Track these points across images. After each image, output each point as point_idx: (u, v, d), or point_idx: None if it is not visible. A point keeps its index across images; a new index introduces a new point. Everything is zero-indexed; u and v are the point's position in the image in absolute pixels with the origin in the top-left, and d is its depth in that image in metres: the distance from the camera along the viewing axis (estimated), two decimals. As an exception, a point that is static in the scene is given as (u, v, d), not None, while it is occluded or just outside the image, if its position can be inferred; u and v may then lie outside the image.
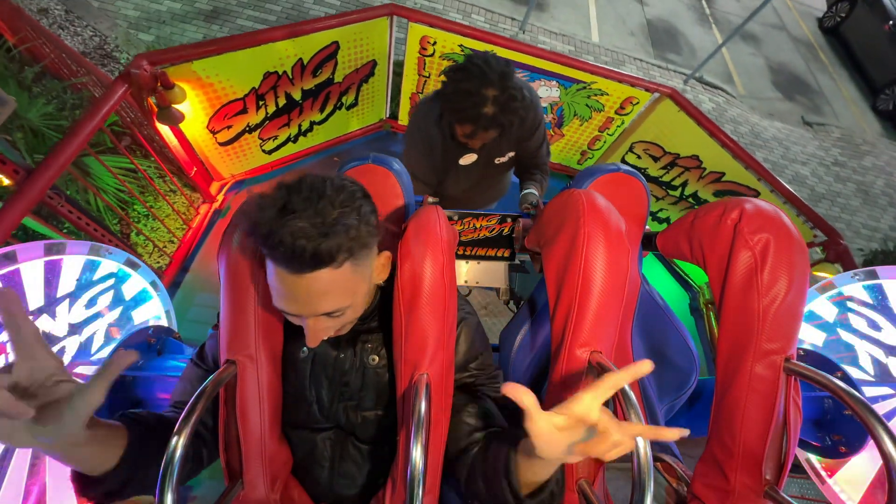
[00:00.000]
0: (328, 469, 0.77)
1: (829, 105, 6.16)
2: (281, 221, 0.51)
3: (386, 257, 0.69)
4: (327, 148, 2.79)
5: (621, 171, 0.99)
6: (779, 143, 5.13)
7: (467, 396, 0.75)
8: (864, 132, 5.96)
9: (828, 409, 1.02)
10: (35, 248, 0.98)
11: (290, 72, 2.18)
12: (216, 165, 2.39)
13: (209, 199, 2.45)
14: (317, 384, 0.74)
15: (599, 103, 2.68)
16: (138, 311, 1.21)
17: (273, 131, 2.42)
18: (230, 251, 0.70)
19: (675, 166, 2.71)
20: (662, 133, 2.66)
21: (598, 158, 3.08)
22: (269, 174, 2.64)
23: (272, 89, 2.20)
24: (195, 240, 2.32)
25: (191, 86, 1.93)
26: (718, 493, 0.67)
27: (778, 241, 0.64)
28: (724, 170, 2.53)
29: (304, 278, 0.54)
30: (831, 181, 5.03)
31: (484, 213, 1.38)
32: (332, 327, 0.63)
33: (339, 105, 2.59)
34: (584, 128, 2.85)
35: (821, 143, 5.44)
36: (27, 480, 0.93)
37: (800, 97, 6.08)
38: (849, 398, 0.56)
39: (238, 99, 2.13)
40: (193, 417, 0.57)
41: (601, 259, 0.66)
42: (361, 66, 2.44)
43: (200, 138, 2.18)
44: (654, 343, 0.94)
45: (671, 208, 2.90)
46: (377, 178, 0.96)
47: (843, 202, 4.86)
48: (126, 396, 0.99)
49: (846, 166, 5.30)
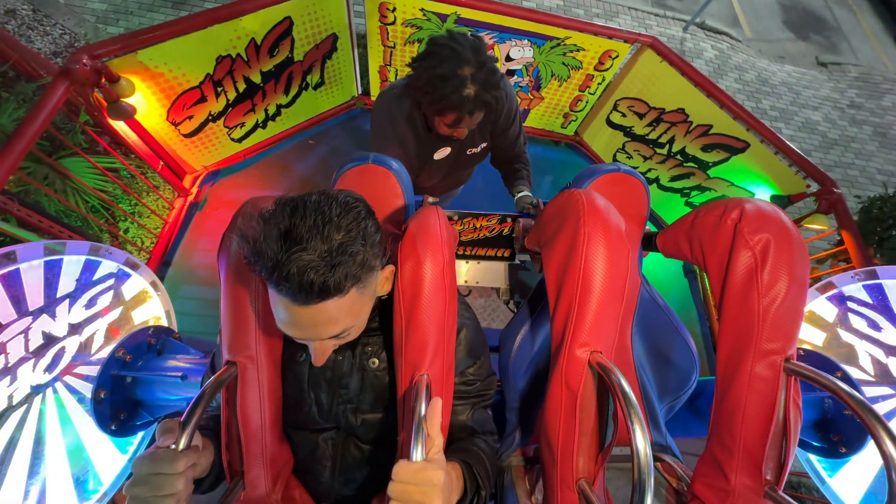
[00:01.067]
0: (329, 469, 0.77)
1: (847, 41, 5.62)
2: (287, 254, 0.49)
3: (389, 271, 0.68)
4: (300, 131, 2.70)
5: (621, 170, 0.99)
6: (788, 88, 4.77)
7: (462, 402, 0.76)
8: (885, 68, 5.42)
9: (828, 409, 1.02)
10: (35, 248, 0.98)
11: (244, 54, 2.06)
12: (185, 158, 2.33)
13: (183, 192, 2.41)
14: (315, 387, 0.74)
15: (576, 60, 2.52)
16: (138, 311, 1.21)
17: (238, 118, 2.34)
18: (230, 253, 0.70)
19: (662, 122, 2.61)
20: (646, 87, 2.55)
21: (581, 121, 3.00)
22: (243, 163, 2.59)
23: (228, 74, 2.08)
24: (173, 234, 2.30)
25: (140, 77, 1.83)
26: (718, 494, 0.67)
27: (778, 241, 0.64)
28: (712, 122, 2.42)
29: (309, 308, 0.53)
30: (846, 125, 4.65)
31: (484, 214, 1.38)
32: (338, 344, 0.64)
33: (305, 85, 2.46)
34: (564, 88, 2.72)
35: (836, 84, 5.01)
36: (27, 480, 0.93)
37: (814, 36, 5.57)
38: (849, 398, 0.56)
39: (194, 87, 2.02)
40: (193, 419, 0.57)
41: (601, 259, 0.66)
42: (321, 42, 2.30)
43: (163, 131, 2.11)
44: (654, 343, 0.94)
45: (659, 168, 2.80)
46: (377, 178, 0.96)
47: (858, 147, 4.49)
48: (126, 397, 0.99)
49: (863, 108, 4.87)
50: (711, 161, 2.57)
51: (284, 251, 0.50)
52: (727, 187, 2.61)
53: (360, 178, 0.96)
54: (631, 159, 2.90)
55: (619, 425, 0.66)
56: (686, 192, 2.80)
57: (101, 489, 1.02)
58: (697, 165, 2.64)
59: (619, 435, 0.65)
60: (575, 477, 0.64)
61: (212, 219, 2.44)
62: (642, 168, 2.87)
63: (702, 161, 2.61)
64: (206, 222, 2.42)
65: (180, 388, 1.00)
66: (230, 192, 2.53)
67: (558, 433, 0.65)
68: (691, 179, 2.72)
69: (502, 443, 0.90)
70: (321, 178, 2.64)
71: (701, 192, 2.73)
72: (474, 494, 0.66)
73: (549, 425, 0.67)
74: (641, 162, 2.86)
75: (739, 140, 2.40)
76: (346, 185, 0.94)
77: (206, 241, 2.35)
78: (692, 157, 2.63)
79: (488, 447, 0.75)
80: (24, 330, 0.96)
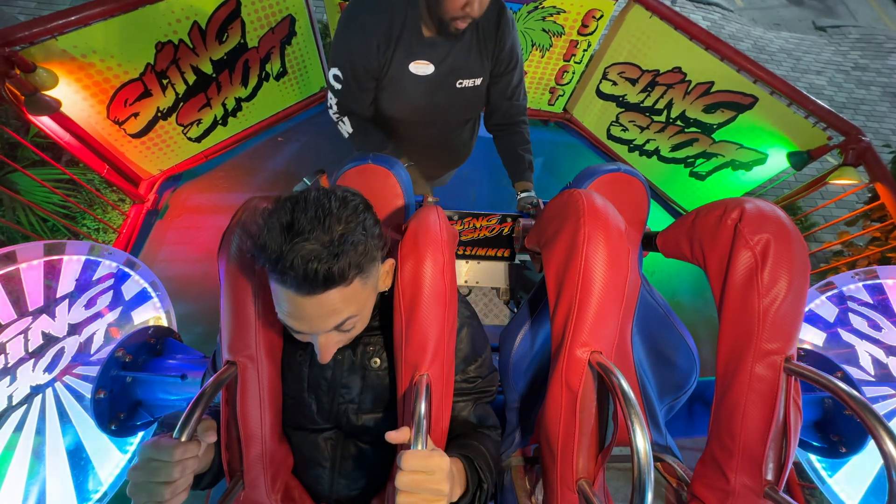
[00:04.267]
0: (329, 469, 0.77)
1: (844, 4, 5.49)
2: (290, 245, 0.50)
3: (390, 265, 0.69)
4: (266, 128, 2.47)
5: (621, 170, 0.99)
6: (788, 54, 4.59)
7: (464, 399, 0.76)
8: (887, 28, 5.27)
9: (828, 409, 1.02)
10: (35, 249, 0.98)
11: (187, 39, 1.83)
12: (137, 161, 2.09)
13: (138, 199, 2.19)
14: (315, 387, 0.74)
15: (557, 24, 2.30)
16: (138, 311, 1.21)
17: (192, 114, 2.09)
18: (229, 253, 0.70)
19: (657, 85, 2.36)
20: (637, 49, 2.31)
21: (569, 95, 2.77)
22: (205, 165, 2.37)
23: (173, 63, 1.86)
24: (128, 246, 2.09)
25: (65, 69, 1.62)
26: (718, 494, 0.67)
27: (778, 241, 0.64)
28: (713, 78, 2.18)
29: (314, 298, 0.54)
30: (852, 88, 4.46)
31: (484, 214, 1.38)
32: (342, 341, 0.64)
33: (265, 75, 2.24)
34: (547, 59, 2.48)
35: (837, 47, 4.84)
36: (27, 480, 0.93)
37: (808, 0, 5.44)
38: (849, 398, 0.56)
39: (134, 80, 1.80)
40: (193, 419, 0.57)
41: (601, 259, 0.66)
42: (277, 25, 2.08)
43: (105, 131, 1.88)
44: (654, 343, 0.94)
45: (658, 137, 2.56)
46: (377, 178, 0.96)
47: (868, 109, 4.30)
48: (126, 397, 0.99)
49: (868, 69, 4.68)
50: (716, 123, 2.32)
51: (287, 242, 0.51)
52: (736, 150, 2.36)
53: (359, 177, 0.96)
54: (626, 132, 2.65)
55: (619, 425, 0.66)
56: (690, 160, 2.55)
57: (101, 489, 1.02)
58: (700, 130, 2.38)
59: (619, 435, 0.65)
60: (575, 477, 0.64)
61: (174, 227, 2.22)
62: (640, 139, 2.64)
63: (705, 124, 2.36)
64: (167, 231, 2.21)
65: (180, 388, 1.00)
66: (193, 198, 2.32)
67: (558, 433, 0.65)
68: (695, 146, 2.46)
69: (502, 443, 0.90)
70: (292, 178, 2.39)
71: (707, 159, 2.48)
72: (476, 488, 0.66)
73: (549, 425, 0.67)
74: (638, 133, 2.62)
75: (746, 95, 2.15)
76: (346, 184, 0.94)
77: (168, 251, 2.15)
78: (694, 120, 2.37)
79: (490, 441, 0.75)
80: (23, 330, 0.96)
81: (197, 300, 1.96)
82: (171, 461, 0.54)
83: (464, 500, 0.63)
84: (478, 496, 0.66)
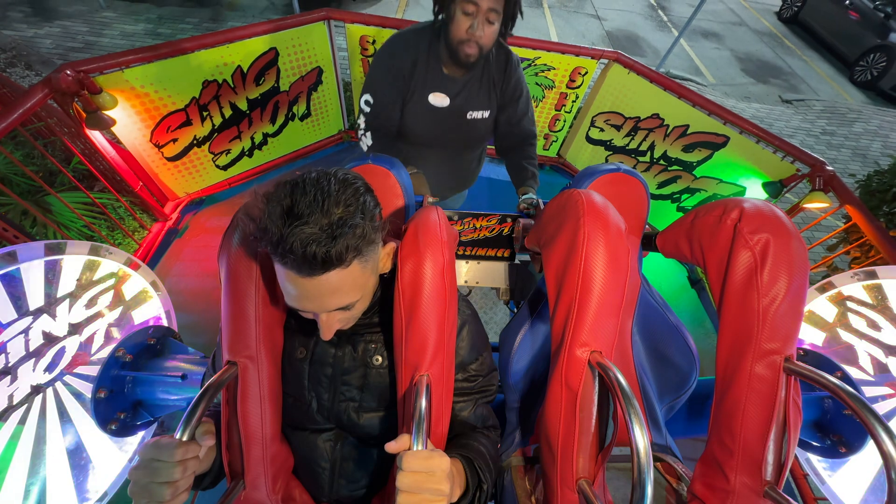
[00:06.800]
0: (329, 469, 0.77)
1: (806, 83, 6.13)
2: (289, 228, 0.51)
3: (390, 247, 0.69)
4: (286, 162, 2.73)
5: (621, 170, 0.99)
6: (760, 121, 4.97)
7: (465, 398, 0.76)
8: (847, 101, 5.87)
9: (828, 409, 1.02)
10: (35, 248, 0.98)
11: (230, 80, 2.14)
12: (168, 183, 2.33)
13: (162, 217, 2.37)
14: (316, 384, 0.74)
15: (548, 79, 2.68)
16: (138, 311, 1.21)
17: (224, 144, 2.37)
18: (230, 253, 0.70)
19: (639, 130, 2.68)
20: (619, 99, 2.66)
21: (562, 141, 3.09)
22: (227, 192, 2.56)
23: (215, 99, 2.15)
24: (146, 259, 2.22)
25: (124, 96, 1.89)
26: (718, 493, 0.67)
27: (777, 240, 0.64)
28: (688, 122, 2.49)
29: (314, 280, 0.55)
30: (824, 149, 4.89)
31: (484, 214, 1.38)
32: (344, 319, 0.65)
33: (291, 115, 2.56)
34: (541, 109, 2.85)
35: (804, 116, 5.36)
36: (27, 480, 0.93)
37: (773, 79, 6.06)
38: (848, 398, 0.56)
39: (179, 110, 2.08)
40: (194, 420, 0.58)
41: (601, 259, 0.66)
42: (307, 74, 2.42)
43: (145, 153, 2.13)
44: (654, 343, 0.94)
45: (645, 176, 2.75)
46: (377, 179, 0.96)
47: (842, 167, 4.66)
48: (126, 396, 0.99)
49: (836, 134, 5.15)
50: (695, 161, 2.59)
51: (287, 226, 0.52)
52: (716, 185, 2.59)
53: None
54: (615, 172, 2.95)
55: (619, 425, 0.66)
56: (676, 196, 2.79)
57: (101, 489, 1.02)
58: (682, 167, 2.65)
59: (619, 435, 0.65)
60: (575, 477, 0.64)
61: (191, 245, 2.36)
62: (626, 178, 2.91)
63: (685, 162, 2.63)
64: (184, 248, 2.35)
65: (180, 388, 1.00)
66: (212, 220, 2.47)
67: (558, 433, 0.65)
68: (679, 183, 2.72)
69: (502, 443, 0.90)
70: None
71: (691, 194, 2.72)
72: (476, 488, 0.66)
73: (549, 425, 0.67)
74: (626, 173, 2.91)
75: (718, 135, 2.43)
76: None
77: (181, 267, 2.28)
78: (675, 159, 2.65)
79: (489, 441, 0.75)
80: (24, 330, 0.96)
81: (203, 312, 2.06)
82: (173, 461, 0.54)
83: (464, 500, 0.63)
84: (478, 496, 0.66)
